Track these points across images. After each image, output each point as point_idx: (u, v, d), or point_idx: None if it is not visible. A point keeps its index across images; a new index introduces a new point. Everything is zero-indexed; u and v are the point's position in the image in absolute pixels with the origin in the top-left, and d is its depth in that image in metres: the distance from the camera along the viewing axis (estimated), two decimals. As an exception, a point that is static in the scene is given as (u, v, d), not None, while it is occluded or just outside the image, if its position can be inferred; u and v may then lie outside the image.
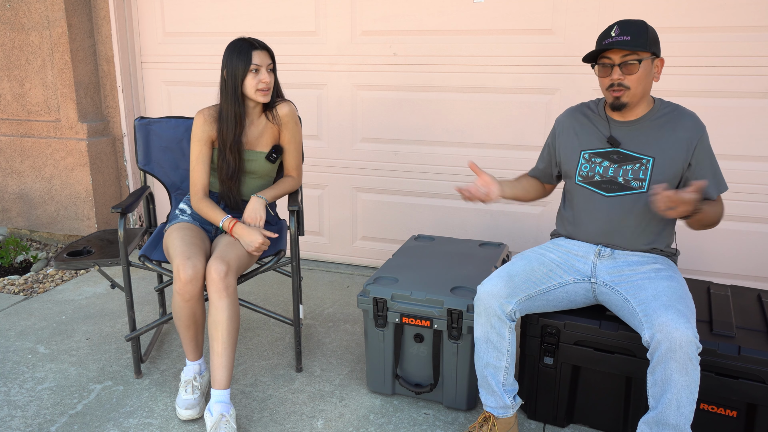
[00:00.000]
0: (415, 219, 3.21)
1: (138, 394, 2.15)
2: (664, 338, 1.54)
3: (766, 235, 2.67)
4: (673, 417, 1.56)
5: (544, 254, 1.91)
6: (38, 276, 3.27)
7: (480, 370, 1.84)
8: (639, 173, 1.78)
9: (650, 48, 1.69)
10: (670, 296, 1.64)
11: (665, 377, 1.56)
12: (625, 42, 1.67)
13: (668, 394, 1.56)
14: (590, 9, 2.68)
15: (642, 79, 1.71)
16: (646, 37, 1.68)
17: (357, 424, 1.99)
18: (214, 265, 1.91)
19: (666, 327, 1.54)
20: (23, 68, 3.55)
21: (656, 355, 1.56)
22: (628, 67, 1.70)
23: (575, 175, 1.88)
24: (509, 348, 1.79)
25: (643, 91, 1.74)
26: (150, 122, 2.43)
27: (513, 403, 1.84)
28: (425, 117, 3.06)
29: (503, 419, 1.84)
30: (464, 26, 2.89)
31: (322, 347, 2.49)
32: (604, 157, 1.83)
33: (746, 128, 2.59)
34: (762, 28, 2.48)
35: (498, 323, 1.76)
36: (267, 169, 2.22)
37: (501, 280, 1.78)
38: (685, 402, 1.55)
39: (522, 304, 1.77)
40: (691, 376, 1.54)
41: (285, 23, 3.18)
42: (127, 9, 3.46)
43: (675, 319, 1.55)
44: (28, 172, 3.69)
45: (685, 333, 1.52)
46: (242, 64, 2.03)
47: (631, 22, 1.70)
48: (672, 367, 1.54)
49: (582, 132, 1.89)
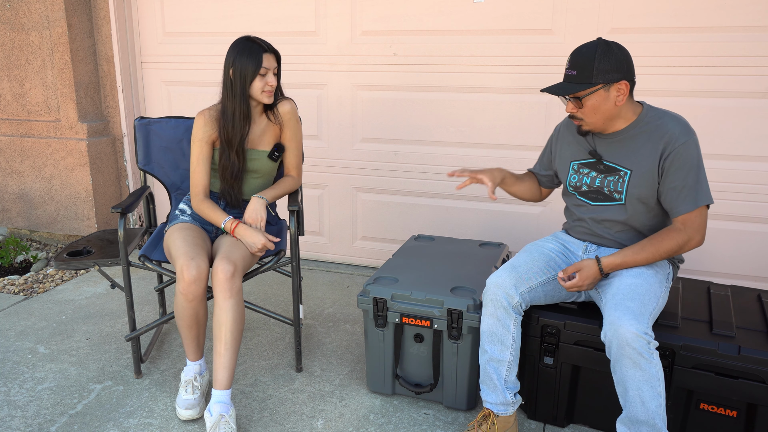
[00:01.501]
0: (415, 219, 3.21)
1: (138, 394, 2.15)
2: (613, 336, 1.58)
3: (766, 235, 2.67)
4: (641, 413, 1.60)
5: (543, 245, 1.96)
6: (38, 276, 3.27)
7: (483, 364, 1.85)
8: (618, 185, 1.80)
9: (598, 79, 1.65)
10: (626, 293, 1.65)
11: (622, 375, 1.60)
12: (570, 77, 1.69)
13: (629, 391, 1.60)
14: (590, 9, 2.68)
15: (596, 109, 1.70)
16: (592, 69, 1.65)
17: (357, 424, 1.99)
18: (221, 265, 1.90)
19: (614, 325, 1.58)
20: (23, 68, 3.55)
21: (612, 354, 1.61)
22: (577, 102, 1.71)
23: (566, 185, 1.95)
24: (513, 342, 1.80)
25: (602, 118, 1.73)
26: (150, 122, 2.43)
27: (513, 401, 1.85)
28: (425, 117, 3.06)
29: (503, 417, 1.84)
30: (464, 26, 2.89)
31: (322, 347, 2.49)
32: (591, 168, 1.87)
33: (746, 128, 2.59)
34: (762, 28, 2.48)
35: (504, 315, 1.78)
36: (269, 167, 2.23)
37: (505, 271, 1.83)
38: (647, 397, 1.58)
39: (526, 296, 1.80)
40: (647, 371, 1.57)
41: (285, 23, 3.18)
42: (127, 9, 3.46)
43: (621, 316, 1.58)
44: (28, 172, 3.69)
45: (629, 329, 1.55)
46: (252, 66, 2.03)
47: (582, 52, 1.68)
48: (625, 363, 1.58)
49: (573, 143, 1.93)
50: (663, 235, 1.72)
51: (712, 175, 2.68)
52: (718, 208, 2.71)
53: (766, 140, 2.58)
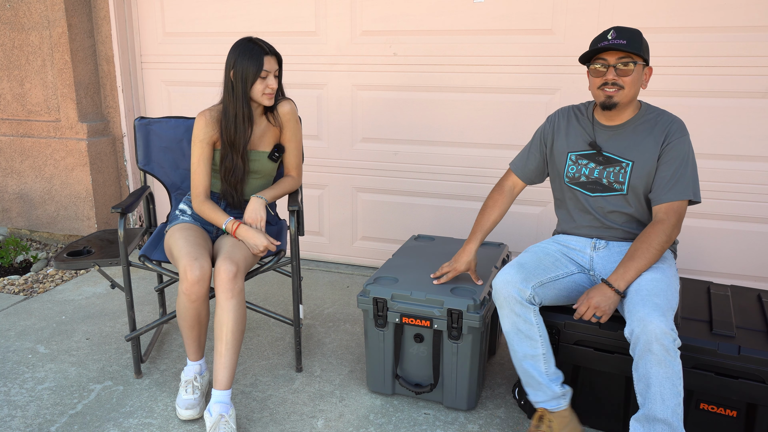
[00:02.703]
0: (415, 219, 3.21)
1: (138, 394, 2.15)
2: (641, 332, 1.57)
3: (766, 235, 2.67)
4: (660, 411, 1.58)
5: (546, 247, 1.96)
6: (38, 276, 3.27)
7: (519, 365, 1.82)
8: (619, 176, 1.84)
9: (644, 54, 1.75)
10: (650, 290, 1.66)
11: (646, 372, 1.59)
12: (621, 45, 1.72)
13: (652, 388, 1.58)
14: (590, 9, 2.68)
15: (635, 82, 1.77)
16: (641, 44, 1.74)
17: (357, 424, 1.99)
18: (224, 265, 1.90)
19: (642, 321, 1.57)
20: (23, 68, 3.55)
21: (636, 351, 1.60)
22: (624, 69, 1.75)
23: (563, 176, 1.94)
24: (541, 333, 1.78)
25: (633, 93, 1.79)
26: (150, 122, 2.43)
27: (563, 391, 1.81)
28: (425, 117, 3.06)
29: (558, 412, 1.80)
30: (464, 26, 2.89)
31: (322, 347, 2.49)
32: (589, 159, 1.88)
33: (746, 128, 2.59)
34: (762, 28, 2.48)
35: (521, 309, 1.76)
36: (269, 168, 2.23)
37: (512, 268, 1.81)
38: (668, 395, 1.57)
39: (537, 290, 1.78)
40: (671, 368, 1.56)
41: (285, 23, 3.18)
42: (127, 9, 3.46)
43: (650, 312, 1.57)
44: (28, 172, 3.69)
45: (659, 326, 1.55)
46: (253, 68, 2.02)
47: (627, 29, 1.76)
48: (651, 360, 1.57)
49: (571, 133, 1.93)
50: (648, 233, 1.74)
51: (712, 175, 2.68)
52: (718, 208, 2.71)
53: (766, 140, 2.58)
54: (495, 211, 2.03)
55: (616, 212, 1.87)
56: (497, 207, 2.03)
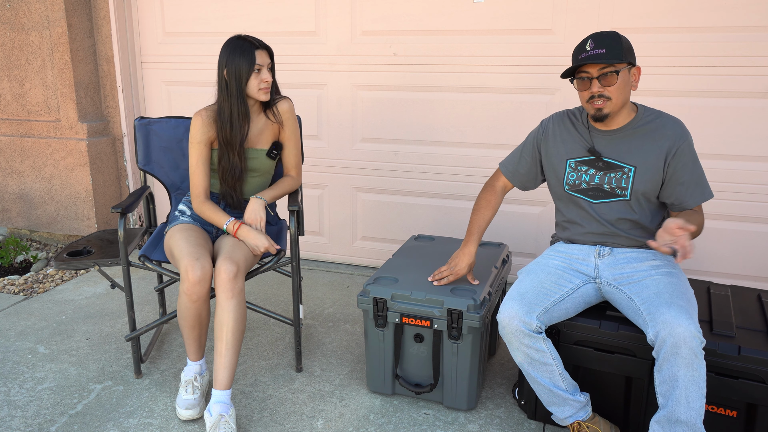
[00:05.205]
0: (415, 219, 3.21)
1: (138, 394, 2.15)
2: (668, 335, 1.55)
3: (766, 235, 2.67)
4: (684, 413, 1.57)
5: (547, 264, 1.91)
6: (38, 276, 3.27)
7: (538, 389, 1.82)
8: (621, 181, 1.82)
9: (625, 58, 1.70)
10: (671, 293, 1.66)
11: (672, 374, 1.57)
12: (600, 55, 1.69)
13: (677, 390, 1.57)
14: (590, 9, 2.68)
15: (621, 89, 1.74)
16: (621, 48, 1.70)
17: (357, 424, 1.99)
18: (225, 265, 1.90)
19: (669, 324, 1.56)
20: (23, 68, 3.55)
21: (662, 353, 1.58)
22: (607, 79, 1.71)
23: (563, 183, 1.91)
24: (554, 356, 1.77)
25: (623, 100, 1.76)
26: (150, 122, 2.43)
27: (585, 398, 1.81)
28: (425, 117, 3.06)
29: (593, 419, 1.81)
30: (464, 26, 2.89)
31: (322, 347, 2.49)
32: (589, 165, 1.86)
33: (745, 128, 2.59)
34: (762, 28, 2.48)
35: (531, 341, 1.74)
36: (267, 166, 2.23)
37: (514, 301, 1.77)
38: (694, 397, 1.56)
39: (542, 318, 1.76)
40: (698, 371, 1.56)
41: (285, 23, 3.18)
42: (127, 9, 3.46)
43: (677, 315, 1.57)
44: (28, 172, 3.69)
45: (688, 328, 1.54)
46: (246, 64, 2.02)
47: (604, 35, 1.72)
48: (678, 363, 1.55)
49: (568, 140, 1.91)
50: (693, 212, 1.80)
51: (711, 175, 2.68)
52: (718, 208, 2.71)
53: (766, 140, 2.58)
54: (489, 211, 2.02)
55: (622, 219, 1.84)
56: (490, 207, 2.02)
